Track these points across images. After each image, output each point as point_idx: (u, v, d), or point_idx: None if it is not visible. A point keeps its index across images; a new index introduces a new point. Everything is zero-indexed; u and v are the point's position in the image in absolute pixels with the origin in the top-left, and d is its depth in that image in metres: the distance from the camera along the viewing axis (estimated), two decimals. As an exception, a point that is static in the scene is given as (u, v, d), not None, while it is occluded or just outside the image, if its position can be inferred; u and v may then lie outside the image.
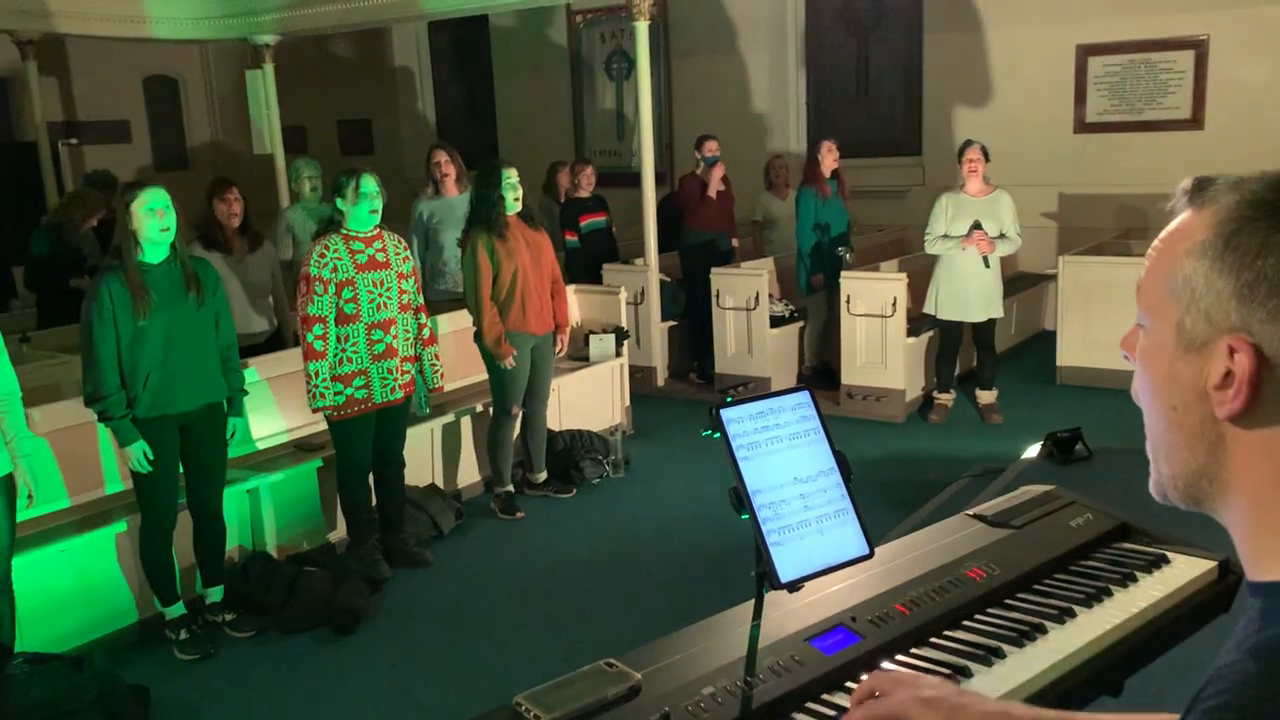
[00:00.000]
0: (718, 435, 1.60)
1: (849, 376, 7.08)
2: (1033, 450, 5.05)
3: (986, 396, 6.92)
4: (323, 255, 4.65)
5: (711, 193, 7.68)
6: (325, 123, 13.13)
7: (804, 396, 1.70)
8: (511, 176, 5.32)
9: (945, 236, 6.49)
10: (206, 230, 5.58)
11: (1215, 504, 0.88)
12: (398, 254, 4.83)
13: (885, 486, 5.67)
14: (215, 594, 4.52)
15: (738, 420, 1.62)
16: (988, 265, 6.53)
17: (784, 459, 1.63)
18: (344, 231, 4.69)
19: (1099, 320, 7.11)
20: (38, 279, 7.20)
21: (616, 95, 11.41)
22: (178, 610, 4.36)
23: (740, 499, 1.58)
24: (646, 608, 4.53)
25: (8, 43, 9.54)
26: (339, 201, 4.68)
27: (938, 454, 6.27)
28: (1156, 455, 0.91)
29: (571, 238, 7.80)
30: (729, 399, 1.65)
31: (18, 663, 3.64)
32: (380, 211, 4.72)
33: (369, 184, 4.64)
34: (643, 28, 7.39)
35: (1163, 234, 0.90)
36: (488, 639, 4.36)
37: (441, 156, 6.57)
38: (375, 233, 4.75)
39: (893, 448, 6.47)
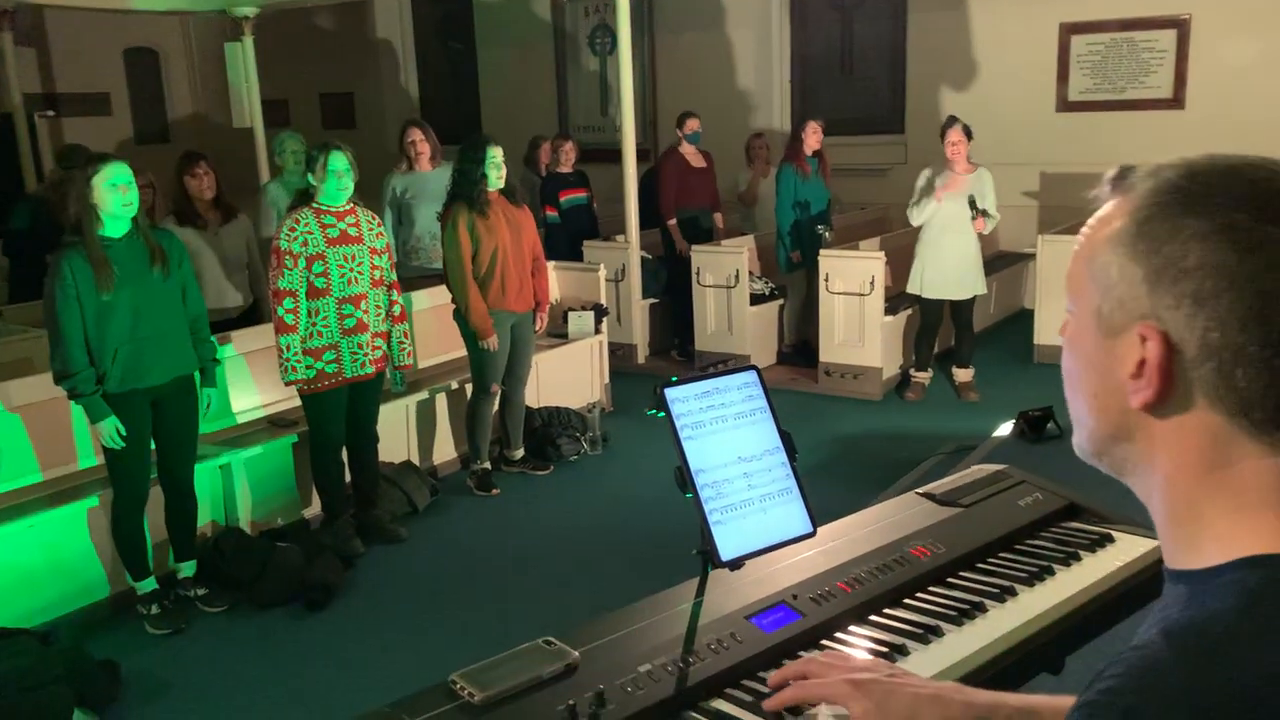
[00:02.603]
0: (662, 415, 1.60)
1: (827, 354, 7.09)
2: (1005, 428, 5.08)
3: (963, 374, 6.94)
4: (293, 229, 4.63)
5: (698, 163, 7.70)
6: (308, 96, 13.02)
7: (750, 376, 1.70)
8: (496, 155, 5.29)
9: (919, 203, 6.47)
10: (179, 206, 5.55)
11: (1138, 488, 0.88)
12: (370, 229, 4.81)
13: (860, 464, 5.69)
14: (187, 569, 4.51)
15: (682, 400, 1.62)
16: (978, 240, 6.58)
17: (729, 438, 1.63)
18: (315, 205, 4.68)
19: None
20: (15, 251, 7.15)
21: (601, 70, 11.33)
22: (149, 585, 4.36)
23: (684, 478, 1.58)
24: (621, 585, 4.53)
25: (-17, 13, 9.43)
26: (309, 176, 4.68)
27: (914, 432, 6.30)
28: (1080, 438, 0.92)
29: (552, 213, 7.78)
30: (674, 379, 1.65)
31: (-15, 637, 3.64)
32: (350, 188, 4.70)
33: (337, 160, 4.62)
34: (624, 2, 7.33)
35: (1089, 221, 0.90)
36: (461, 616, 4.37)
37: (416, 134, 6.52)
38: (347, 207, 4.74)
39: (869, 425, 6.49)
